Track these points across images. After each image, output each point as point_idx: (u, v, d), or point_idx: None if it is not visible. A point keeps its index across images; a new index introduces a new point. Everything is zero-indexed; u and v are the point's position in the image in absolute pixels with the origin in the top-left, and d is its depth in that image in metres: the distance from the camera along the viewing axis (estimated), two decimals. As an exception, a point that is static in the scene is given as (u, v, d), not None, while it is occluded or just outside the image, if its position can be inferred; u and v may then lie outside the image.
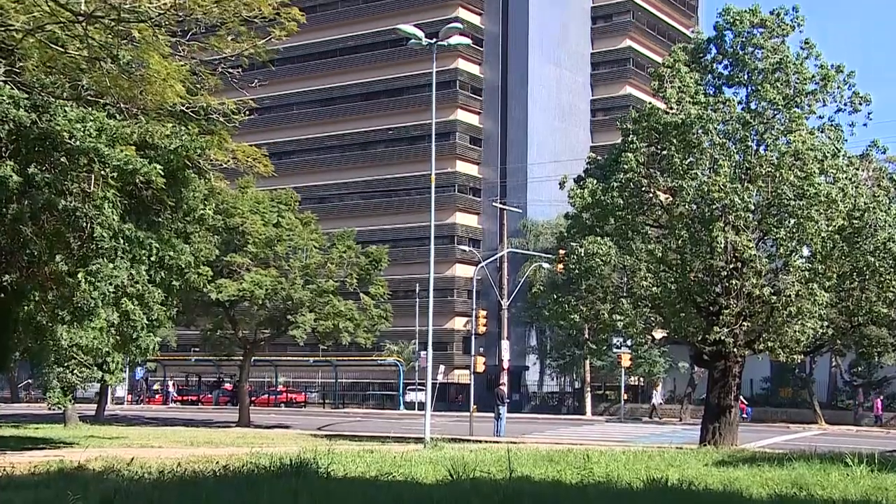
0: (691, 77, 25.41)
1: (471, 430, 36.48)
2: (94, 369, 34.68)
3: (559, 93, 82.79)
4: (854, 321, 26.32)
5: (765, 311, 24.97)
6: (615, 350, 42.09)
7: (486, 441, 29.52)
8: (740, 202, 23.64)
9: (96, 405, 46.97)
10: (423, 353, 53.69)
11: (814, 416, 50.02)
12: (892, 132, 74.60)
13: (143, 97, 16.41)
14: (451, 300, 75.99)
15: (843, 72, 25.42)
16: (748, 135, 24.98)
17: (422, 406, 46.13)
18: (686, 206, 24.78)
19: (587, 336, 31.97)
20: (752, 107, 25.32)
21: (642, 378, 62.52)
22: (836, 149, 24.85)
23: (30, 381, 65.73)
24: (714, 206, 24.16)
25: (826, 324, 24.87)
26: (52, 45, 14.48)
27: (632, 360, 53.81)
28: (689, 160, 24.70)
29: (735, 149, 24.98)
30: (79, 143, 15.35)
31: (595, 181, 26.16)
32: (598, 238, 24.94)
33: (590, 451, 19.68)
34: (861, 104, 25.48)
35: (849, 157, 25.50)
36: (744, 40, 25.46)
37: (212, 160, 19.89)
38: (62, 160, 15.89)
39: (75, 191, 15.95)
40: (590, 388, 61.49)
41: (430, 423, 28.87)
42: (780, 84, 24.88)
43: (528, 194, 73.40)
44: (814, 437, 37.04)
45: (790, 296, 23.93)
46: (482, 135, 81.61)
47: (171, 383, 73.15)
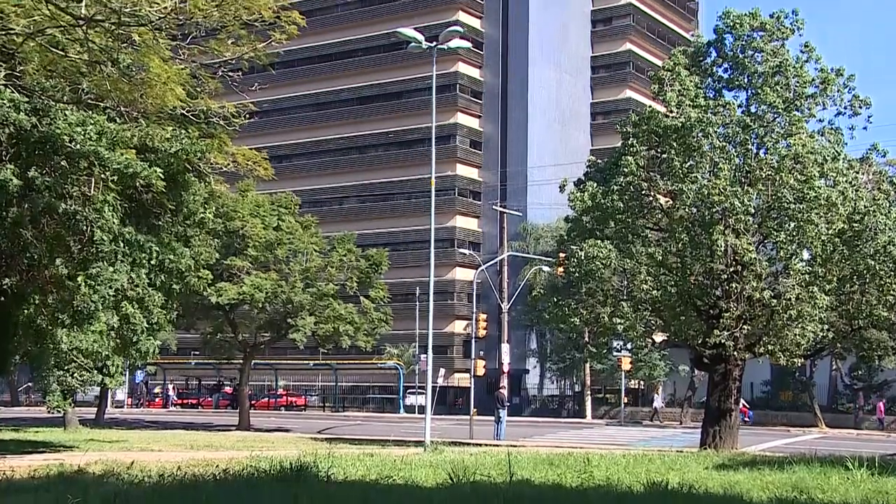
0: (691, 80, 25.42)
1: (471, 434, 36.46)
2: (94, 373, 34.73)
3: (559, 96, 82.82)
4: (854, 324, 26.30)
5: (765, 314, 24.96)
6: (615, 353, 42.06)
7: (487, 444, 29.51)
8: (740, 205, 23.65)
9: (96, 409, 46.95)
10: (423, 356, 53.66)
11: (814, 419, 50.02)
12: (892, 135, 74.66)
13: (144, 101, 16.42)
14: (451, 304, 75.98)
15: (842, 75, 25.43)
16: (748, 138, 24.99)
17: (422, 409, 46.10)
18: (686, 210, 24.79)
19: (587, 339, 32.06)
20: (752, 110, 25.33)
21: (642, 381, 62.51)
22: (836, 152, 24.85)
23: (30, 385, 65.69)
24: (714, 210, 24.17)
25: (826, 327, 24.86)
26: (53, 49, 14.50)
27: (632, 363, 53.80)
28: (689, 163, 24.71)
29: (735, 152, 25.00)
30: (79, 146, 15.34)
31: (595, 184, 26.16)
32: (599, 241, 24.94)
33: (590, 454, 19.66)
34: (861, 107, 25.48)
35: (849, 161, 25.50)
36: (744, 44, 25.48)
37: (212, 163, 19.89)
38: (62, 164, 15.88)
39: (75, 194, 15.94)
40: (590, 392, 61.47)
41: (430, 427, 28.85)
42: (780, 87, 24.89)
43: (528, 197, 73.40)
44: (814, 440, 37.05)
45: (790, 299, 23.92)
46: (482, 138, 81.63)
47: (171, 387, 73.14)
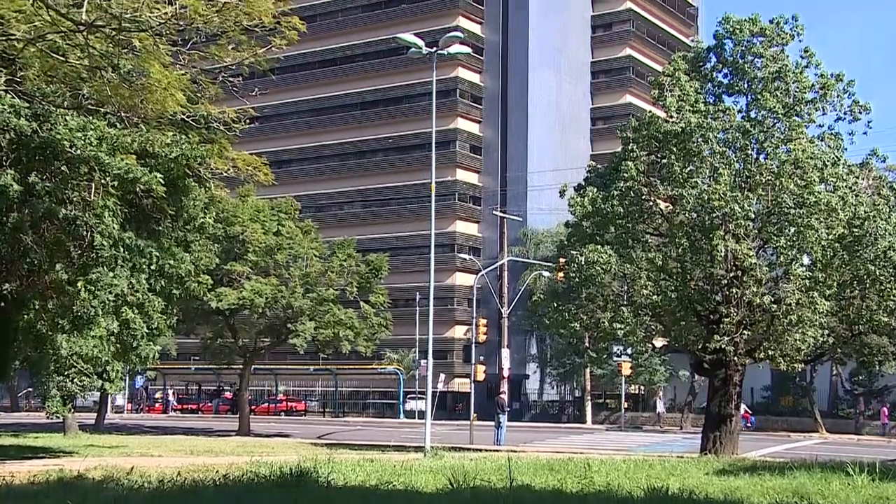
0: (691, 86, 25.44)
1: (471, 439, 36.43)
2: (94, 378, 34.61)
3: (559, 101, 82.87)
4: (855, 330, 26.28)
5: (765, 319, 24.95)
6: (615, 358, 42.03)
7: (487, 450, 29.47)
8: (740, 211, 23.64)
9: (96, 414, 46.94)
10: (423, 361, 53.63)
11: (814, 424, 49.96)
12: (892, 141, 74.66)
13: (144, 106, 16.41)
14: (451, 309, 75.95)
15: (842, 80, 25.44)
16: (748, 143, 24.99)
17: (422, 415, 46.06)
18: (686, 215, 24.79)
19: (587, 344, 31.95)
20: (752, 115, 25.35)
21: (643, 387, 62.47)
22: (836, 157, 24.86)
23: (30, 390, 65.67)
24: (714, 215, 24.17)
25: (827, 332, 24.84)
26: (53, 55, 14.51)
27: (632, 368, 53.76)
28: (689, 169, 24.72)
29: (735, 157, 25.00)
30: (79, 151, 15.36)
31: (595, 189, 26.16)
32: (599, 246, 24.93)
33: (590, 459, 19.65)
34: (861, 113, 25.48)
35: (849, 166, 25.49)
36: (743, 49, 25.50)
37: (212, 169, 19.90)
38: (63, 169, 15.89)
39: (76, 199, 15.95)
40: (590, 397, 61.43)
41: (430, 432, 28.83)
42: (780, 93, 24.91)
43: (528, 203, 73.41)
44: (815, 445, 36.98)
45: (791, 304, 23.91)
46: (482, 143, 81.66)
47: (170, 392, 73.10)
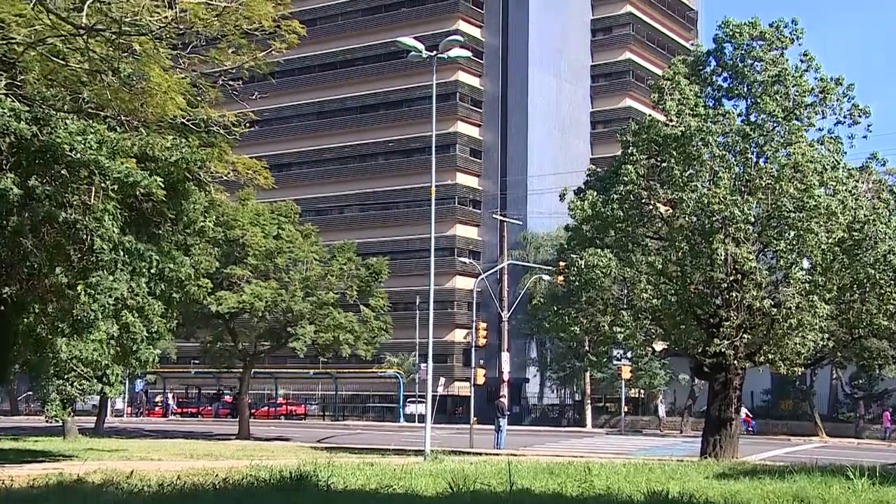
0: (691, 89, 25.46)
1: (471, 443, 36.41)
2: (94, 382, 34.62)
3: (559, 105, 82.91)
4: (855, 333, 26.29)
5: (765, 323, 24.95)
6: (615, 362, 42.06)
7: (487, 453, 29.46)
8: (740, 214, 23.65)
9: (96, 417, 46.90)
10: (423, 365, 53.61)
11: (815, 428, 49.93)
12: (891, 144, 74.70)
13: (144, 110, 16.43)
14: (451, 312, 75.92)
15: (842, 84, 25.48)
16: (748, 147, 25.02)
17: (422, 418, 46.05)
18: (686, 218, 24.80)
19: (587, 348, 31.96)
20: (752, 119, 25.37)
21: (643, 390, 62.43)
22: (836, 161, 24.87)
23: (29, 394, 65.65)
24: (714, 219, 24.18)
25: (826, 336, 24.84)
26: (54, 59, 14.53)
27: (632, 372, 53.72)
28: (689, 172, 24.73)
29: (735, 161, 25.02)
30: (79, 155, 15.36)
31: (595, 193, 26.18)
32: (599, 250, 24.94)
33: (590, 463, 19.63)
34: (860, 116, 25.53)
35: (848, 170, 25.52)
36: (743, 53, 25.53)
37: (212, 172, 19.90)
38: (63, 172, 15.89)
39: (76, 203, 15.95)
40: (590, 401, 61.40)
41: (430, 436, 28.82)
42: (780, 96, 24.93)
43: (528, 206, 73.42)
44: (815, 449, 36.99)
45: (790, 308, 23.91)
46: (482, 147, 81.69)
47: (170, 395, 73.05)
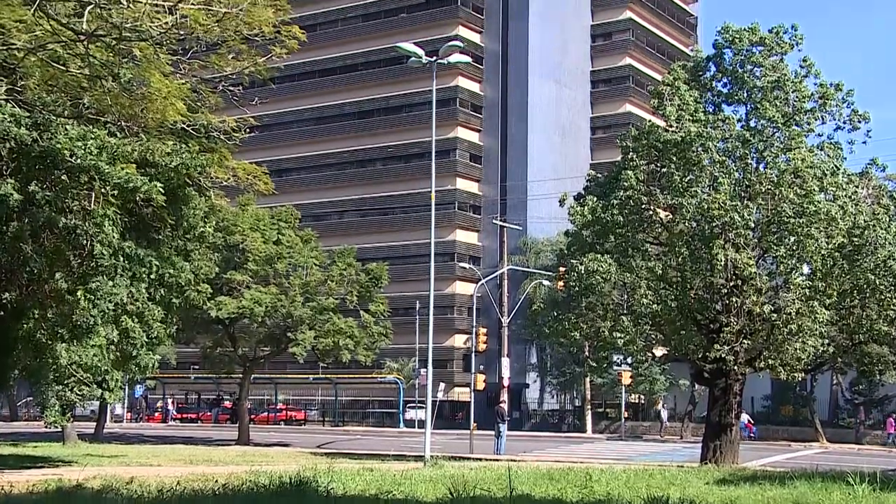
0: (691, 95, 25.48)
1: (471, 448, 36.37)
2: (94, 387, 34.56)
3: (559, 110, 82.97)
4: (855, 339, 26.28)
5: (765, 328, 24.94)
6: (615, 368, 41.93)
7: (487, 459, 29.42)
8: (740, 220, 23.66)
9: (95, 423, 46.83)
10: (423, 370, 53.55)
11: (815, 434, 49.84)
12: (891, 150, 74.70)
13: (144, 115, 16.44)
14: (451, 318, 75.89)
15: (841, 90, 25.49)
16: (748, 152, 25.02)
17: (422, 424, 45.97)
18: (686, 224, 24.80)
19: (587, 353, 32.02)
20: (752, 124, 25.39)
21: (643, 396, 62.36)
22: (836, 166, 24.89)
23: (29, 399, 65.58)
24: (714, 224, 24.17)
25: (827, 341, 24.83)
26: (54, 64, 14.53)
27: (632, 377, 53.66)
28: (688, 178, 24.74)
29: (735, 166, 25.03)
30: (79, 160, 15.36)
31: (595, 199, 26.18)
32: (599, 255, 24.93)
33: (590, 469, 19.62)
34: (860, 122, 25.52)
35: (848, 175, 25.53)
36: (743, 58, 25.55)
37: (212, 178, 19.91)
38: (63, 178, 15.89)
39: (76, 209, 15.94)
40: (590, 406, 61.32)
41: (430, 441, 28.79)
42: (780, 102, 24.95)
43: (528, 211, 73.39)
44: (815, 455, 36.93)
45: (791, 313, 23.90)
46: (482, 152, 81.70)
47: (170, 401, 72.98)
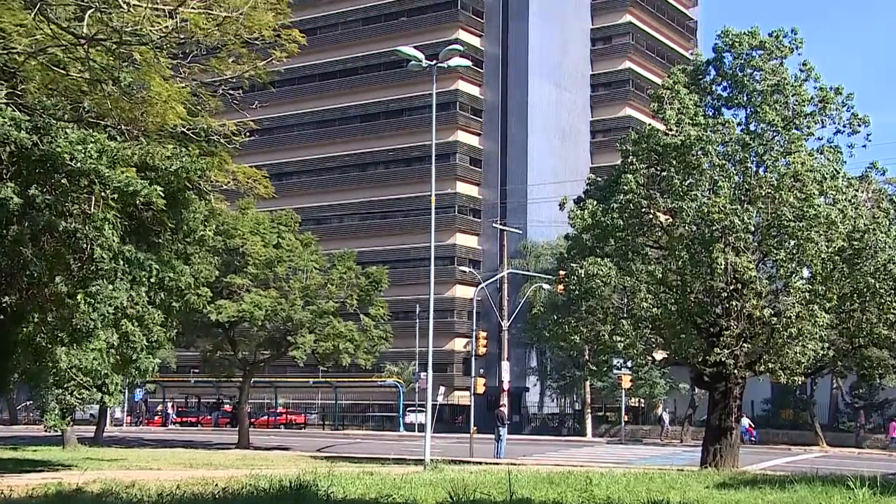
0: (690, 99, 25.48)
1: (471, 452, 36.34)
2: (93, 391, 34.53)
3: (559, 114, 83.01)
4: (855, 343, 26.25)
5: (765, 332, 24.92)
6: (615, 371, 41.95)
7: (487, 463, 29.39)
8: (740, 223, 23.65)
9: (95, 427, 46.81)
10: (423, 374, 53.55)
11: (815, 437, 49.83)
12: (891, 154, 74.84)
13: (144, 119, 16.44)
14: (451, 321, 75.86)
15: (841, 94, 25.49)
16: (748, 156, 25.02)
17: (422, 428, 45.96)
18: (686, 228, 24.80)
19: (587, 357, 31.98)
20: (752, 128, 25.39)
21: (643, 399, 62.34)
22: (836, 170, 24.89)
23: (29, 403, 65.53)
24: (714, 228, 24.17)
25: (827, 345, 24.81)
26: (54, 68, 14.54)
27: (632, 381, 53.64)
28: (688, 181, 24.74)
29: (735, 170, 25.03)
30: (80, 164, 15.37)
31: (595, 202, 26.18)
32: (599, 259, 24.92)
33: (591, 472, 19.60)
34: (860, 126, 25.53)
35: (848, 179, 25.52)
36: (743, 62, 25.56)
37: (212, 181, 19.93)
38: (63, 182, 15.90)
39: (76, 212, 15.95)
40: (590, 410, 61.31)
41: (430, 445, 28.76)
42: (779, 106, 24.95)
43: (528, 215, 73.42)
44: (815, 459, 36.88)
45: (791, 317, 23.89)
46: (482, 156, 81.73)
47: (170, 405, 72.94)
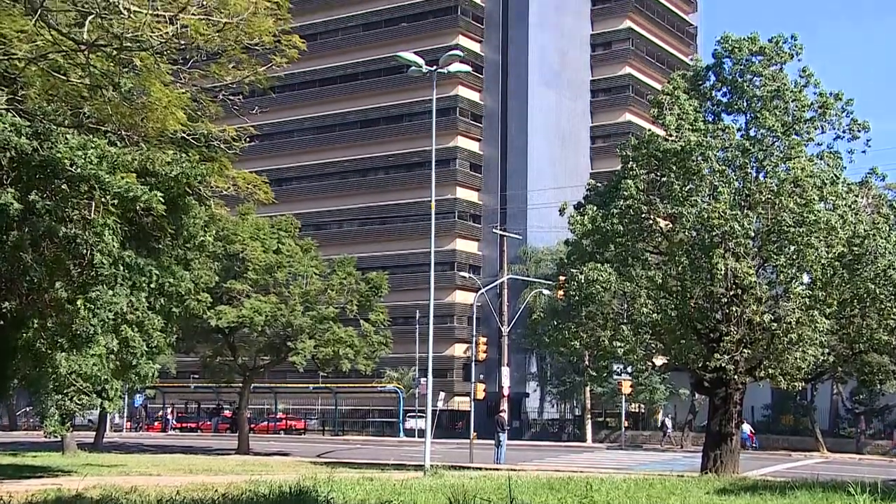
0: (690, 104, 25.50)
1: (471, 458, 36.29)
2: (93, 396, 34.53)
3: (559, 119, 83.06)
4: (855, 348, 26.25)
5: (765, 337, 24.91)
6: (616, 377, 41.92)
7: (487, 468, 29.37)
8: (740, 229, 23.66)
9: (95, 433, 46.74)
10: (423, 379, 53.49)
11: (815, 443, 49.76)
12: (891, 159, 74.89)
13: (145, 124, 16.44)
14: (451, 327, 75.83)
15: (841, 99, 25.51)
16: (747, 162, 25.04)
17: (421, 433, 45.91)
18: (686, 233, 24.80)
19: (587, 363, 32.00)
20: (752, 134, 25.41)
21: (643, 405, 62.29)
22: (836, 176, 24.89)
23: (28, 409, 65.48)
24: (714, 233, 24.17)
25: (827, 351, 24.80)
26: (55, 74, 14.54)
27: (632, 386, 53.62)
28: (688, 187, 24.74)
29: (734, 176, 25.04)
30: (80, 170, 15.35)
31: (595, 208, 26.18)
32: (599, 265, 24.92)
33: (591, 478, 19.56)
34: (859, 131, 25.54)
35: (848, 184, 25.53)
36: (742, 68, 25.59)
37: (212, 187, 19.90)
38: (63, 187, 15.89)
39: (76, 218, 15.94)
40: (590, 415, 61.23)
41: (429, 451, 28.72)
42: (779, 111, 24.97)
43: (528, 221, 73.42)
44: (816, 465, 36.85)
45: (791, 322, 23.88)
46: (482, 161, 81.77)
47: (170, 410, 72.89)
